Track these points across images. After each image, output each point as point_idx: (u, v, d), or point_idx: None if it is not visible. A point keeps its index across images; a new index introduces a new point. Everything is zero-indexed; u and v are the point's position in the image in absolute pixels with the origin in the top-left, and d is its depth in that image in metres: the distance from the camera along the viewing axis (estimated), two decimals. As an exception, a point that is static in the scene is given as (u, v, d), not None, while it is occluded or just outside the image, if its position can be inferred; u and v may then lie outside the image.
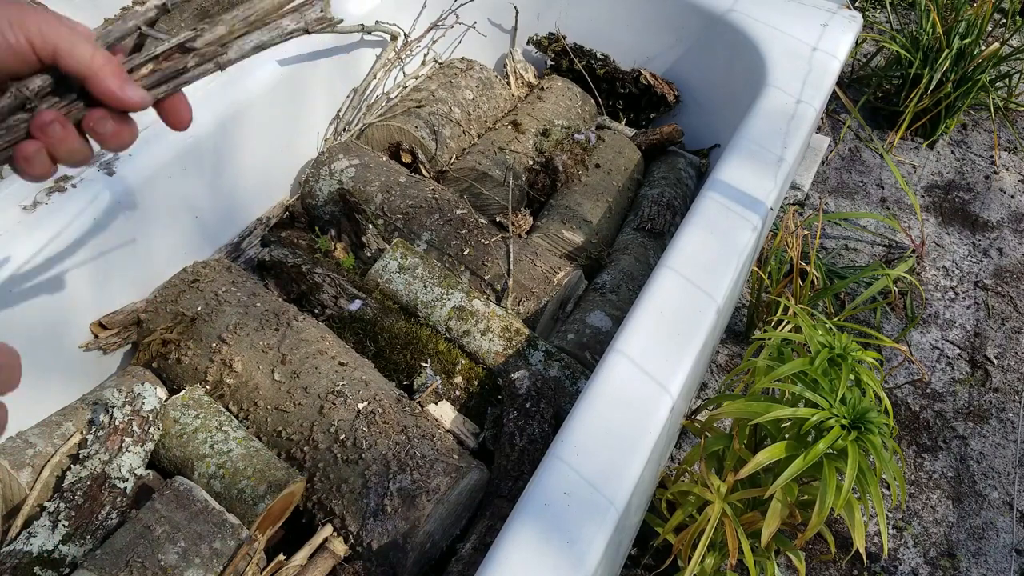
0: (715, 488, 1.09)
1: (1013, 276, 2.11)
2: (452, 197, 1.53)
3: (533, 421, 1.17)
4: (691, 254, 1.17)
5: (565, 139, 1.75)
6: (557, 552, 0.85)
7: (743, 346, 1.88)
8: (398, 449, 1.10)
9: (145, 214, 1.31)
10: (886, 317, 1.98)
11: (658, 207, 1.63)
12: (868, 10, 2.94)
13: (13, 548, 0.97)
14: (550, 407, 1.19)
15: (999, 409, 1.81)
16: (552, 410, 1.20)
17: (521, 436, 1.15)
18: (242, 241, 1.54)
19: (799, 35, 1.57)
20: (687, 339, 1.06)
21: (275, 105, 1.51)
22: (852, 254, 2.14)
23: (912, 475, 1.69)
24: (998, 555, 1.57)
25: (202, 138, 1.37)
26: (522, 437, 1.15)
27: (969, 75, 2.32)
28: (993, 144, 2.48)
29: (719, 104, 1.78)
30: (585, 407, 0.98)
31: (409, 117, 1.66)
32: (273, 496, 1.06)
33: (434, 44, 1.88)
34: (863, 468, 0.97)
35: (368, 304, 1.34)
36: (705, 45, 1.76)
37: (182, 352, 1.24)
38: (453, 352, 1.30)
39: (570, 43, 1.92)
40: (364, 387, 1.18)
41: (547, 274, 1.42)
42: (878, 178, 2.36)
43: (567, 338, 1.36)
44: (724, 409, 1.07)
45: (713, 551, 1.21)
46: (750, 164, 1.31)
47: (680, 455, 1.65)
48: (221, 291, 1.29)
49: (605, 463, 0.93)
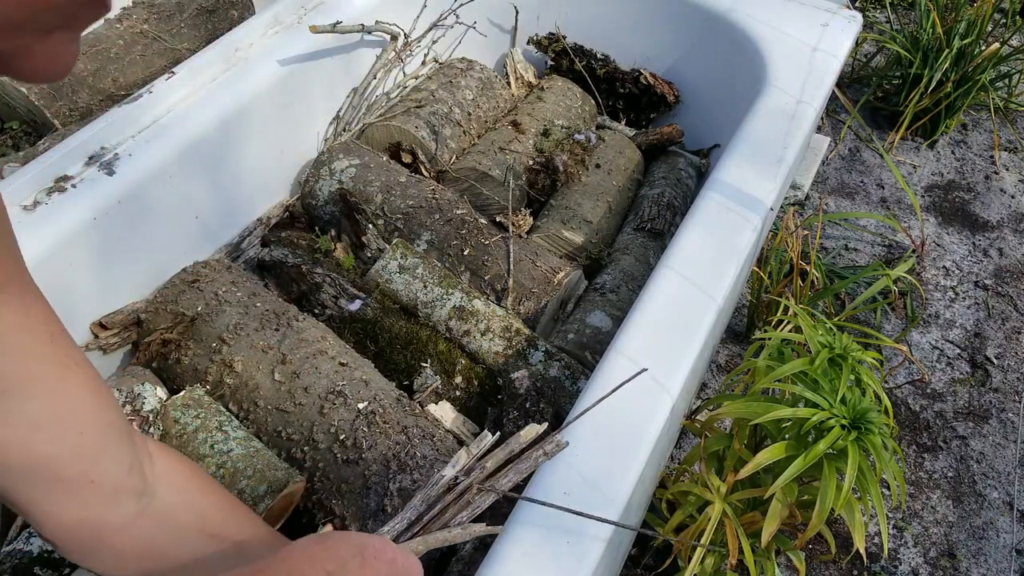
0: (715, 488, 1.09)
1: (1013, 276, 2.11)
2: (452, 197, 1.53)
3: (532, 421, 1.17)
4: (691, 254, 1.17)
5: (565, 139, 1.75)
6: (557, 552, 0.85)
7: (743, 346, 1.88)
8: (398, 449, 1.10)
9: (145, 214, 1.32)
10: (886, 317, 1.98)
11: (658, 207, 1.63)
12: (868, 10, 2.94)
13: (13, 548, 0.97)
14: (550, 407, 1.19)
15: (999, 409, 1.81)
16: (552, 410, 1.20)
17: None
18: (242, 241, 1.54)
19: (799, 35, 1.57)
20: (687, 339, 1.06)
21: (275, 105, 1.51)
22: (852, 254, 2.14)
23: (912, 475, 1.69)
24: (998, 555, 1.57)
25: (202, 138, 1.37)
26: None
27: (969, 75, 2.31)
28: (993, 144, 2.48)
29: (719, 104, 1.78)
30: (585, 407, 0.98)
31: (409, 117, 1.66)
32: (273, 496, 1.06)
33: (434, 44, 1.88)
34: (863, 468, 0.97)
35: (368, 304, 1.34)
36: (705, 45, 1.75)
37: (182, 352, 1.24)
38: (453, 352, 1.30)
39: (570, 43, 1.92)
40: (364, 387, 1.18)
41: (547, 274, 1.42)
42: (878, 178, 2.36)
43: (567, 338, 1.36)
44: (724, 409, 1.07)
45: (713, 551, 1.21)
46: (750, 164, 1.31)
47: (680, 455, 1.65)
48: (221, 291, 1.29)
49: (605, 463, 0.93)
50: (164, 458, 0.67)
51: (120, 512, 0.60)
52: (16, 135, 1.97)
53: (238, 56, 1.47)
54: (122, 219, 1.27)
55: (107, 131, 1.29)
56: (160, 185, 1.32)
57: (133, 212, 1.29)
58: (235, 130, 1.44)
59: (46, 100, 1.80)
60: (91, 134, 1.28)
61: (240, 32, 1.50)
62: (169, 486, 0.65)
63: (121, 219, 1.27)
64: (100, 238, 1.25)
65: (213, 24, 2.11)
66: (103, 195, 1.24)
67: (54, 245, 1.18)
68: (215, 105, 1.40)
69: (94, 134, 1.28)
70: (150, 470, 0.64)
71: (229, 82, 1.43)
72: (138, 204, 1.29)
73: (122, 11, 1.99)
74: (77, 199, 1.21)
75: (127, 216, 1.28)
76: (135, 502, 0.62)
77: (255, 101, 1.46)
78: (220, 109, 1.40)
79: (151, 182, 1.30)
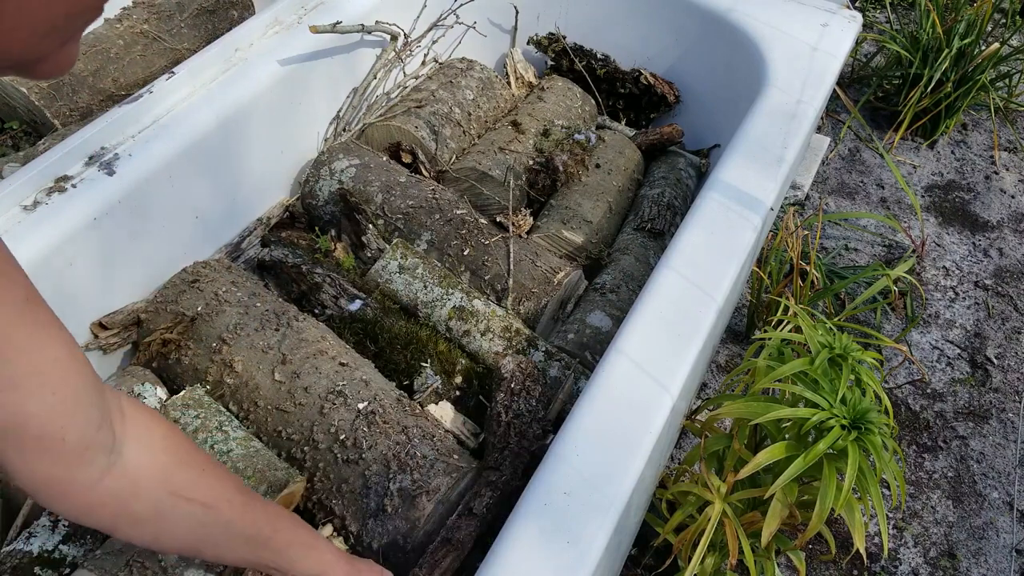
0: (715, 488, 1.09)
1: (1013, 276, 2.11)
2: (452, 197, 1.53)
3: (519, 398, 1.17)
4: (691, 254, 1.17)
5: (565, 139, 1.75)
6: (557, 552, 0.85)
7: (743, 346, 1.88)
8: (398, 449, 1.10)
9: (145, 214, 1.32)
10: (886, 317, 1.98)
11: (658, 207, 1.63)
12: (868, 10, 2.94)
13: (13, 548, 0.97)
14: (537, 385, 1.19)
15: (999, 409, 1.81)
16: (540, 388, 1.20)
17: (507, 413, 1.16)
18: (242, 241, 1.54)
19: (799, 35, 1.57)
20: (687, 339, 1.06)
21: (275, 105, 1.51)
22: (852, 254, 2.14)
23: (912, 475, 1.69)
24: (998, 555, 1.57)
25: (202, 138, 1.37)
26: (507, 414, 1.15)
27: (969, 75, 2.31)
28: (993, 144, 2.48)
29: (719, 104, 1.78)
30: (585, 407, 0.98)
31: (409, 117, 1.66)
32: (273, 496, 1.06)
33: (434, 44, 1.88)
34: (863, 468, 0.97)
35: (368, 304, 1.34)
36: (705, 45, 1.75)
37: (182, 352, 1.24)
38: (453, 352, 1.30)
39: (570, 43, 1.92)
40: (364, 387, 1.18)
41: (547, 274, 1.42)
42: (878, 178, 2.36)
43: (567, 338, 1.36)
44: (724, 409, 1.07)
45: (713, 551, 1.21)
46: (750, 164, 1.31)
47: (680, 455, 1.65)
48: (221, 291, 1.29)
49: (605, 463, 0.93)
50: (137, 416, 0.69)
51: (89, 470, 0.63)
52: (16, 135, 1.97)
53: (238, 56, 1.47)
54: (122, 219, 1.27)
55: (107, 131, 1.29)
56: (160, 185, 1.32)
57: (133, 212, 1.29)
58: (235, 130, 1.44)
59: (46, 100, 1.80)
60: (91, 134, 1.28)
61: (240, 32, 1.50)
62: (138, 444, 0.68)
63: (121, 219, 1.27)
64: (100, 238, 1.25)
65: (213, 24, 2.11)
66: (103, 195, 1.24)
67: (54, 245, 1.18)
68: (215, 105, 1.40)
69: (94, 134, 1.28)
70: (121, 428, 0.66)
71: (229, 82, 1.43)
72: (138, 204, 1.29)
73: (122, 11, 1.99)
74: (77, 199, 1.21)
75: (127, 216, 1.28)
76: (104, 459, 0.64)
77: (255, 101, 1.46)
78: (220, 109, 1.40)
79: (151, 182, 1.30)
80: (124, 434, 0.66)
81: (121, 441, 0.66)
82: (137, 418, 0.69)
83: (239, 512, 0.74)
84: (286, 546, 0.80)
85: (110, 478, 0.65)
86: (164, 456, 0.70)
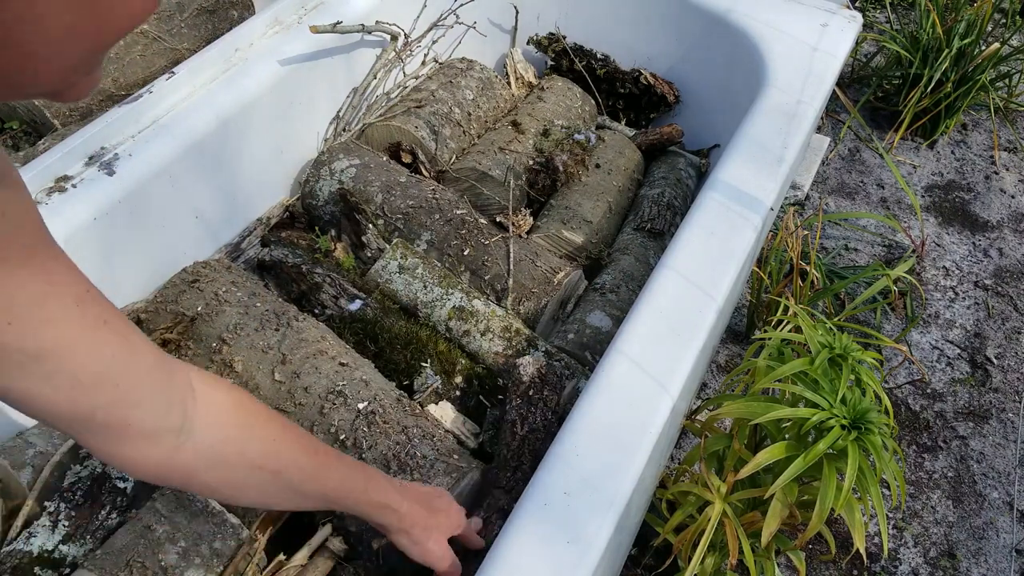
0: (715, 488, 1.09)
1: (1013, 276, 2.11)
2: (452, 197, 1.53)
3: (536, 410, 1.16)
4: (691, 254, 1.17)
5: (565, 139, 1.75)
6: (557, 552, 0.85)
7: (743, 346, 1.88)
8: (398, 449, 1.10)
9: (145, 214, 1.32)
10: (886, 317, 1.98)
11: (658, 207, 1.63)
12: (868, 10, 2.94)
13: (13, 548, 0.97)
14: (554, 395, 1.19)
15: (999, 409, 1.81)
16: (556, 398, 1.19)
17: (522, 425, 1.15)
18: (242, 241, 1.54)
19: (799, 35, 1.57)
20: (687, 339, 1.06)
21: (275, 105, 1.51)
22: (852, 254, 2.14)
23: (912, 475, 1.69)
24: (998, 555, 1.57)
25: (202, 138, 1.37)
26: (523, 426, 1.14)
27: (969, 75, 2.31)
28: (993, 144, 2.48)
29: (719, 104, 1.78)
30: (585, 407, 0.98)
31: (409, 117, 1.66)
32: (273, 496, 1.06)
33: (434, 44, 1.88)
34: (863, 468, 0.97)
35: (368, 304, 1.34)
36: (705, 45, 1.76)
37: (182, 352, 1.24)
38: (453, 352, 1.30)
39: (570, 43, 1.92)
40: (364, 387, 1.18)
41: (547, 274, 1.42)
42: (878, 178, 2.36)
43: (567, 338, 1.36)
44: (724, 409, 1.07)
45: (713, 551, 1.21)
46: (750, 164, 1.31)
47: (680, 455, 1.65)
48: (221, 291, 1.29)
49: (605, 463, 0.93)
50: (207, 393, 0.71)
51: (157, 449, 0.67)
52: (16, 135, 1.97)
53: (238, 56, 1.47)
54: (122, 219, 1.27)
55: (107, 131, 1.29)
56: (160, 185, 1.32)
57: (133, 212, 1.29)
58: (235, 130, 1.44)
59: (46, 100, 1.80)
60: (91, 134, 1.28)
61: (240, 32, 1.50)
62: (208, 422, 0.71)
63: (121, 219, 1.27)
64: (100, 238, 1.25)
65: (213, 24, 2.11)
66: (103, 195, 1.24)
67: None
68: (215, 105, 1.40)
69: (94, 134, 1.28)
70: (192, 408, 0.69)
71: (229, 82, 1.43)
72: (138, 204, 1.29)
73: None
74: (77, 199, 1.21)
75: (127, 216, 1.28)
76: (173, 439, 0.67)
77: (255, 101, 1.46)
78: (220, 109, 1.40)
79: (151, 182, 1.30)
80: (195, 413, 0.69)
81: (191, 420, 0.69)
82: (208, 395, 0.71)
83: (309, 475, 0.79)
84: (355, 504, 0.85)
85: (181, 454, 0.68)
86: (235, 431, 0.73)
